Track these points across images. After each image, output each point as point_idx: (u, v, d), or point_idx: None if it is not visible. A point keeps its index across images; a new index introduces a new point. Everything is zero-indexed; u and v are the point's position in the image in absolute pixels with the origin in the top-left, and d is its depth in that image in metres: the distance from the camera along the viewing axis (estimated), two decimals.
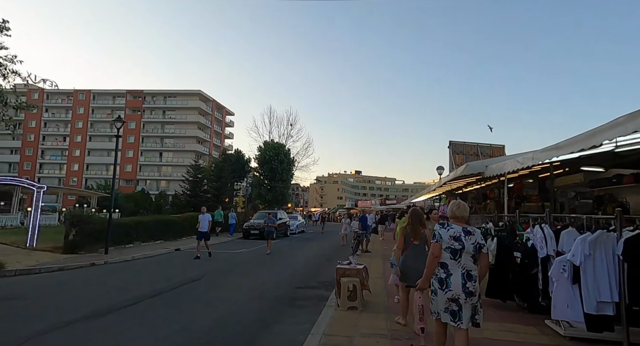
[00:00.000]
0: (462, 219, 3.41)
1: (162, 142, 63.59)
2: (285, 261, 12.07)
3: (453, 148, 22.89)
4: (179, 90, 64.51)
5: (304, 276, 9.24)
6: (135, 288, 7.53)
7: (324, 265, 11.34)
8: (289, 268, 10.50)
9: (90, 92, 63.90)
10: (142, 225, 15.33)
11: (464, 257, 3.21)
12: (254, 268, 10.45)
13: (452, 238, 3.25)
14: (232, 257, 13.26)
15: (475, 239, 3.28)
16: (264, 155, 41.97)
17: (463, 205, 3.50)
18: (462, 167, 7.50)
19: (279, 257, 12.99)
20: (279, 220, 22.28)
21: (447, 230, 3.31)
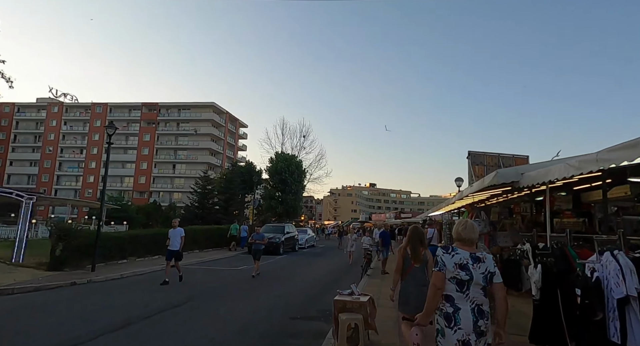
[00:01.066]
0: (469, 242, 2.82)
1: (176, 153, 63.81)
2: (286, 282, 10.81)
3: (472, 159, 21.37)
4: (192, 103, 64.98)
5: (303, 303, 7.97)
6: (101, 317, 6.43)
7: (330, 287, 10.02)
8: (288, 292, 9.24)
9: (107, 105, 65.07)
10: (137, 239, 14.39)
11: (472, 289, 2.66)
12: (248, 291, 9.23)
13: (457, 267, 2.67)
14: (229, 275, 12.08)
15: (486, 267, 2.69)
16: (275, 166, 41.12)
17: (471, 225, 2.90)
18: (491, 175, 6.19)
19: (279, 277, 11.76)
20: (286, 234, 21.11)
21: (451, 255, 2.72)
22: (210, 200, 32.07)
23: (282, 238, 20.24)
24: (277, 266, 14.47)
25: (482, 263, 2.69)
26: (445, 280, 2.68)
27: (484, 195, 10.86)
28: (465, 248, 2.77)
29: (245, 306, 7.39)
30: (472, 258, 2.70)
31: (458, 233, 2.86)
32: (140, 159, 63.15)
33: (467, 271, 2.65)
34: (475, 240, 2.86)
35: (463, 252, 2.74)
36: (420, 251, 4.21)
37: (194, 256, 16.82)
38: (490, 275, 2.67)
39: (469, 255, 2.71)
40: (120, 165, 64.12)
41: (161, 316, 6.60)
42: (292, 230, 22.53)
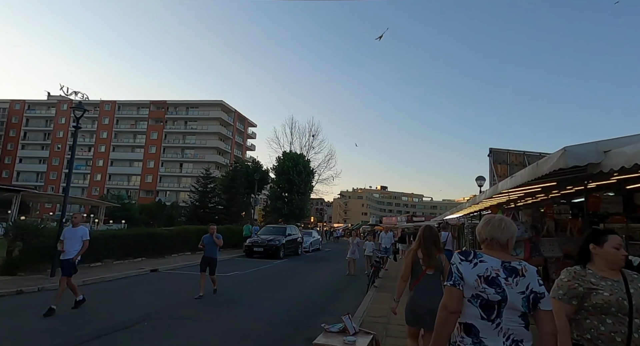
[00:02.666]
0: (502, 246, 1.86)
1: (183, 152, 62.86)
2: (273, 295, 8.99)
3: (494, 156, 19.34)
4: (200, 101, 64.04)
5: (288, 327, 6.14)
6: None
7: (328, 301, 8.19)
8: (274, 308, 7.43)
9: (115, 102, 64.63)
10: (116, 239, 12.79)
11: (505, 315, 1.74)
12: (221, 307, 7.45)
13: (482, 280, 1.77)
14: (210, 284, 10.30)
15: (528, 284, 1.76)
16: (281, 165, 39.52)
17: (508, 222, 1.91)
18: (555, 157, 4.22)
19: (267, 288, 9.95)
20: (287, 236, 19.35)
21: (472, 264, 1.81)
22: (212, 199, 30.54)
23: (283, 241, 18.47)
24: (270, 273, 12.68)
25: (521, 277, 1.79)
26: (462, 301, 1.82)
27: (520, 192, 8.87)
28: (496, 255, 1.86)
29: (203, 335, 5.57)
30: (505, 269, 1.80)
31: (487, 232, 1.91)
32: (147, 158, 62.40)
33: (498, 288, 1.76)
34: (512, 243, 1.91)
35: (491, 259, 1.83)
36: (435, 254, 3.52)
37: (183, 259, 15.16)
38: (535, 297, 1.77)
39: (501, 265, 1.81)
40: (128, 163, 63.55)
41: (93, 345, 4.86)
42: (294, 232, 20.74)
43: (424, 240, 3.55)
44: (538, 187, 8.21)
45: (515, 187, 6.84)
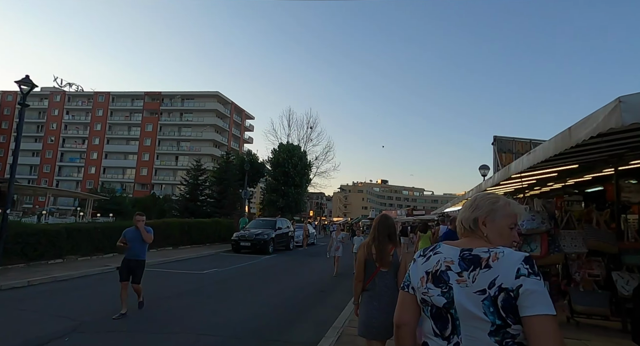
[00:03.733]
0: (470, 231, 1.36)
1: (179, 145, 61.61)
2: (248, 296, 7.79)
3: (498, 145, 18.13)
4: (196, 92, 62.60)
5: (249, 342, 4.92)
6: None
7: (308, 306, 6.99)
8: (239, 315, 6.23)
9: (109, 94, 63.24)
10: (81, 233, 11.60)
11: (464, 330, 1.19)
12: (181, 313, 6.25)
13: (427, 278, 1.30)
14: (178, 282, 9.10)
15: (493, 278, 1.15)
16: (276, 157, 38.34)
17: (485, 197, 1.43)
18: (605, 110, 2.95)
19: (245, 287, 8.75)
20: (277, 230, 18.16)
21: (425, 258, 1.36)
22: (203, 192, 29.32)
23: (273, 235, 17.29)
24: (253, 270, 11.49)
25: (483, 269, 1.18)
26: (416, 310, 1.34)
27: (534, 177, 7.60)
28: (461, 243, 1.33)
29: None
30: (462, 259, 1.24)
31: (462, 218, 1.40)
32: (142, 150, 61.19)
33: (443, 285, 1.24)
34: (488, 222, 1.33)
35: (449, 249, 1.31)
36: (389, 250, 2.96)
37: (161, 254, 13.99)
38: (507, 297, 1.12)
39: (459, 254, 1.26)
40: (122, 156, 62.38)
41: None
42: (285, 226, 19.53)
43: (377, 233, 3.02)
44: (554, 171, 6.96)
45: (534, 168, 5.57)
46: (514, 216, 1.37)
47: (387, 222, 3.09)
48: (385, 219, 3.13)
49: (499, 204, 1.36)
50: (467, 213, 1.39)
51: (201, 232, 18.24)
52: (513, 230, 1.36)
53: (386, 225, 3.06)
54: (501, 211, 1.35)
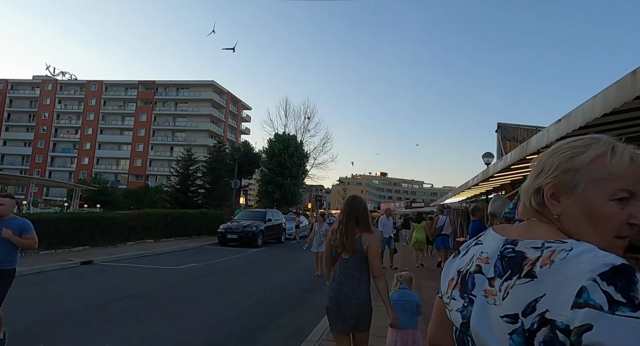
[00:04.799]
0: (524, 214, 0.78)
1: (174, 135, 60.35)
2: (217, 298, 6.76)
3: (502, 132, 16.98)
4: (191, 81, 61.14)
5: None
6: None
7: (283, 311, 5.96)
8: (208, 319, 5.20)
9: (102, 83, 61.77)
10: (43, 224, 10.48)
11: None
12: (124, 320, 5.20)
13: (456, 282, 0.80)
14: (146, 280, 8.05)
15: (536, 298, 0.61)
16: (272, 148, 37.25)
17: (585, 146, 0.70)
18: None
19: (218, 286, 7.73)
20: (267, 222, 17.13)
21: (463, 252, 0.83)
22: (194, 182, 28.28)
23: (262, 227, 16.26)
24: (234, 266, 10.47)
25: (523, 279, 0.65)
26: (442, 322, 0.87)
27: None
28: (506, 231, 0.77)
29: None
30: (501, 257, 0.71)
31: None
32: (136, 141, 59.96)
33: (466, 296, 0.75)
34: (546, 196, 0.72)
35: (493, 236, 0.77)
36: (354, 234, 2.64)
37: (138, 248, 12.97)
38: (552, 338, 0.58)
39: (500, 247, 0.73)
40: (116, 146, 61.19)
41: None
42: (276, 218, 18.49)
43: (343, 215, 2.73)
44: None
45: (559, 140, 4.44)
46: (626, 178, 0.68)
47: (353, 202, 2.75)
48: (351, 200, 2.80)
49: (585, 157, 0.69)
50: (529, 180, 0.78)
51: (187, 224, 17.21)
52: (625, 210, 0.68)
53: (352, 206, 2.72)
54: (589, 170, 0.69)
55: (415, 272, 7.61)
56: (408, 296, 3.33)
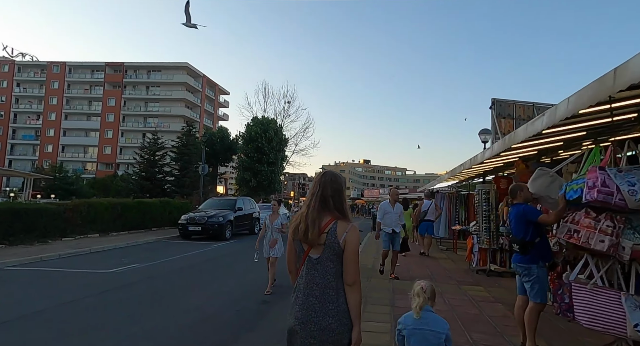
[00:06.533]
0: None
1: (145, 121, 56.72)
2: (157, 311, 4.81)
3: (497, 109, 15.40)
4: (163, 63, 57.33)
5: None
6: None
7: (235, 332, 4.04)
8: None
9: (65, 64, 57.13)
10: None
11: None
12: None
13: None
14: (54, 291, 5.97)
15: None
16: (249, 132, 34.90)
17: None
18: None
19: (156, 294, 5.74)
20: (237, 211, 15.11)
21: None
22: (161, 169, 25.82)
23: (230, 217, 14.27)
24: (187, 266, 8.46)
25: None
26: None
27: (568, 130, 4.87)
28: None
29: None
30: None
31: None
32: (104, 127, 56.11)
33: None
34: None
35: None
36: (324, 223, 1.84)
37: (74, 245, 10.76)
38: None
39: None
40: (83, 133, 57.23)
41: None
42: (248, 207, 16.46)
43: (310, 197, 1.93)
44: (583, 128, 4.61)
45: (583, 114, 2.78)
46: None
47: (323, 179, 1.93)
48: (322, 176, 1.96)
49: None
50: None
51: (144, 215, 15.00)
52: None
53: (322, 183, 1.91)
54: None
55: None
56: (434, 325, 2.26)
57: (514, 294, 6.22)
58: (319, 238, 1.79)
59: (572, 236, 3.66)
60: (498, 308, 5.24)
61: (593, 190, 3.52)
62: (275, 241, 6.04)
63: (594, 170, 3.72)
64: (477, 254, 8.06)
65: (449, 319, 4.61)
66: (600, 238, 3.55)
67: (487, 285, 6.75)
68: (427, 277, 7.32)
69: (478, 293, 6.09)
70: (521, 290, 3.80)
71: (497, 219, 7.84)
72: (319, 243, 1.81)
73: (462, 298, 5.76)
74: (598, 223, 3.62)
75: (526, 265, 3.64)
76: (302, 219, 1.86)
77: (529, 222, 3.67)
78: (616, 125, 4.77)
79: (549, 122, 4.03)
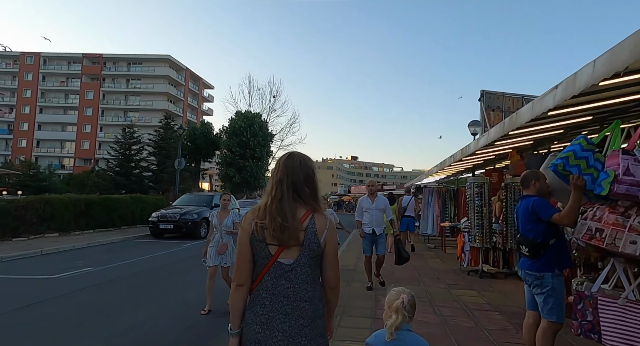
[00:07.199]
0: None
1: (126, 115, 54.71)
2: (90, 330, 3.88)
3: (486, 101, 14.93)
4: (144, 55, 55.33)
5: None
6: None
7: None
8: None
9: (39, 55, 54.59)
10: None
11: None
12: None
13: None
14: None
15: None
16: (233, 126, 33.76)
17: None
18: None
19: (99, 307, 4.81)
20: (214, 207, 14.14)
21: None
22: (138, 164, 24.56)
23: (206, 214, 13.27)
24: (144, 270, 7.53)
25: None
26: None
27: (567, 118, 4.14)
28: None
29: None
30: None
31: None
32: (82, 121, 53.93)
33: None
34: None
35: None
36: (301, 216, 1.53)
37: (22, 247, 9.68)
38: None
39: None
40: (60, 127, 54.90)
41: None
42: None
43: (278, 184, 1.57)
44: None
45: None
46: None
47: (288, 162, 1.60)
48: (287, 159, 1.62)
49: None
50: None
51: (112, 212, 13.90)
52: None
53: (289, 168, 1.58)
54: None
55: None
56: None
57: (510, 299, 5.58)
58: (297, 237, 1.47)
59: (593, 236, 2.91)
60: (496, 318, 4.51)
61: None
62: (225, 246, 4.78)
63: (615, 155, 2.99)
64: (468, 253, 7.38)
65: (442, 336, 3.87)
66: (632, 239, 2.81)
67: (481, 289, 6.05)
68: (414, 280, 6.59)
69: (471, 299, 5.37)
70: (531, 304, 3.04)
71: (490, 215, 7.19)
72: (293, 244, 1.48)
73: (454, 305, 5.03)
74: (628, 219, 2.88)
75: (537, 273, 2.87)
76: (267, 213, 1.50)
77: (541, 219, 2.91)
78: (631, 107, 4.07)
79: (565, 95, 3.27)
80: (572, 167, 2.94)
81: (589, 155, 3.00)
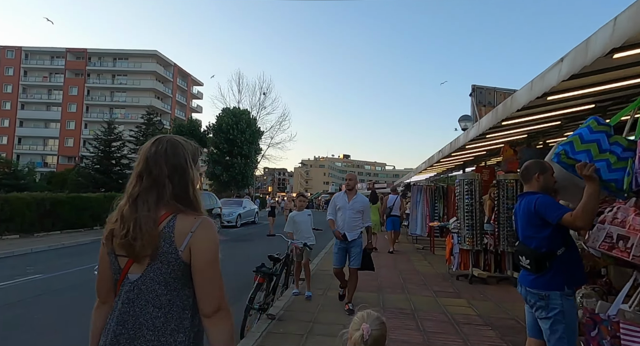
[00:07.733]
0: None
1: (111, 112, 53.29)
2: None
3: (477, 97, 14.46)
4: (130, 50, 53.94)
5: None
6: None
7: None
8: None
9: (21, 49, 52.82)
10: None
11: None
12: None
13: None
14: None
15: None
16: (220, 122, 32.89)
17: None
18: None
19: (19, 323, 4.05)
20: None
21: None
22: (119, 161, 23.61)
23: None
24: (87, 279, 6.77)
25: None
26: None
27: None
28: None
29: None
30: None
31: None
32: (66, 118, 52.35)
33: None
34: None
35: None
36: (155, 219, 1.17)
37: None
38: None
39: None
40: (42, 124, 53.22)
41: None
42: (207, 202, 14.77)
43: (136, 178, 1.25)
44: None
45: None
46: None
47: (151, 150, 1.25)
48: (150, 145, 1.28)
49: None
50: None
51: (81, 212, 13.03)
52: None
53: (150, 158, 1.24)
54: None
55: None
56: None
57: (503, 310, 4.89)
58: (150, 245, 1.15)
59: (615, 246, 2.27)
60: (488, 335, 3.88)
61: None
62: None
63: None
64: (457, 256, 6.78)
65: None
66: None
67: (470, 297, 5.43)
68: (398, 287, 5.97)
69: (460, 310, 4.74)
70: (533, 330, 2.40)
71: (482, 215, 6.61)
72: (145, 254, 1.16)
73: (440, 319, 4.39)
74: None
75: (542, 292, 2.22)
76: (119, 217, 1.21)
77: (546, 223, 2.26)
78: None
79: (572, 69, 2.63)
80: (579, 153, 2.27)
81: (601, 137, 2.32)
